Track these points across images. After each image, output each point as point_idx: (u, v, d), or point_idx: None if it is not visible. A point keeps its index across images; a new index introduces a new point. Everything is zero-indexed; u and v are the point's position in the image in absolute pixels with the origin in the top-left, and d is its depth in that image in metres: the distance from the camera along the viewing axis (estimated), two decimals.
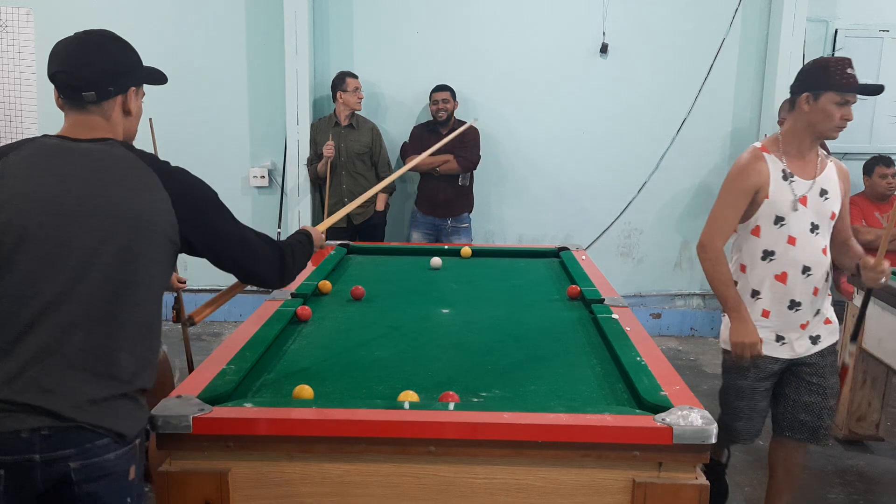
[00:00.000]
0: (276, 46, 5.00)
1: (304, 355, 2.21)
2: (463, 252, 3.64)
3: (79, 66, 1.59)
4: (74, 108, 1.62)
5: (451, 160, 4.82)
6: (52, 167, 1.54)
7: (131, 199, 1.55)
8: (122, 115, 1.67)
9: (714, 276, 2.59)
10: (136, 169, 1.59)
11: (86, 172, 1.55)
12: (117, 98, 1.65)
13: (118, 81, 1.64)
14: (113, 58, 1.65)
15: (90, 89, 1.59)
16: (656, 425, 1.63)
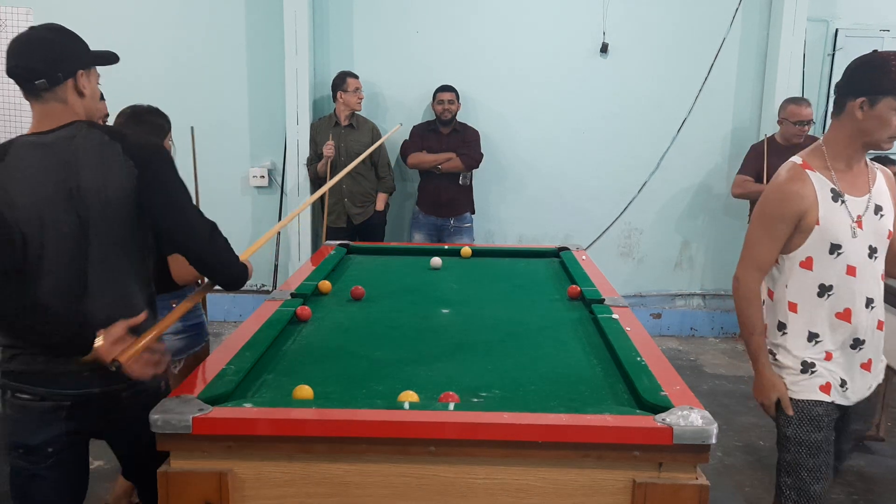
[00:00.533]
0: (276, 46, 5.00)
1: (304, 355, 2.21)
2: (463, 252, 3.64)
3: (27, 59, 1.77)
4: (34, 99, 1.80)
5: (454, 158, 4.83)
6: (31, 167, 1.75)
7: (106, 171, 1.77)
8: (77, 96, 1.83)
9: (742, 317, 2.23)
10: (101, 145, 1.79)
11: (57, 163, 1.75)
12: (68, 82, 1.80)
13: (64, 67, 1.80)
14: (56, 47, 1.82)
15: (40, 77, 1.76)
16: (656, 425, 1.63)
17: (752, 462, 3.46)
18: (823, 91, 5.18)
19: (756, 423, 3.90)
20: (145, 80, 5.12)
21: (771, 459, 3.48)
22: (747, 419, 3.95)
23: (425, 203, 4.98)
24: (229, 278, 1.96)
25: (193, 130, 3.03)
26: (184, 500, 1.65)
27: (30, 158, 1.75)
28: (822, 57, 5.14)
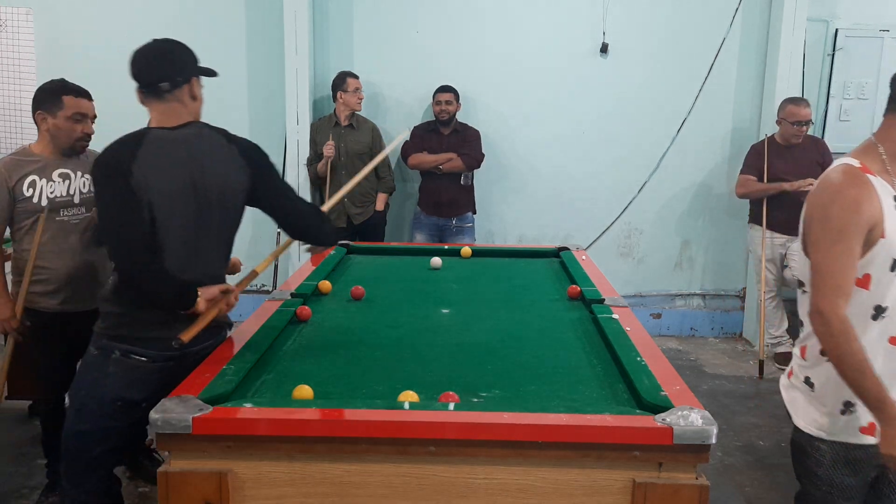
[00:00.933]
0: (276, 46, 5.00)
1: (304, 355, 2.21)
2: (463, 252, 3.63)
3: (153, 65, 2.08)
4: (156, 99, 2.09)
5: (455, 158, 4.83)
6: (163, 157, 2.04)
7: (226, 169, 2.14)
8: (191, 99, 2.13)
9: (842, 356, 1.73)
10: (221, 146, 2.16)
11: (185, 156, 2.07)
12: (184, 87, 2.10)
13: (183, 74, 2.10)
14: (177, 56, 2.12)
15: (165, 81, 2.06)
16: (656, 425, 1.63)
17: (752, 462, 3.46)
18: (823, 91, 5.18)
19: (756, 423, 3.90)
20: None
21: (771, 459, 3.49)
22: (747, 419, 3.95)
23: (427, 203, 4.98)
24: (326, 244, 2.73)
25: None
26: (184, 500, 1.65)
27: (162, 149, 2.04)
28: (822, 57, 5.14)
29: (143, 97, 2.10)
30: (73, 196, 2.83)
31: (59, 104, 2.75)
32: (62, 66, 4.99)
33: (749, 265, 5.28)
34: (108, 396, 2.10)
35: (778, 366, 4.79)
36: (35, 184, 2.76)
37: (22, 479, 3.18)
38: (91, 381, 2.14)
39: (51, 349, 2.87)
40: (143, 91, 2.09)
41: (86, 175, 2.88)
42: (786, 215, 4.72)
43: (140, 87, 2.09)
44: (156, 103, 2.09)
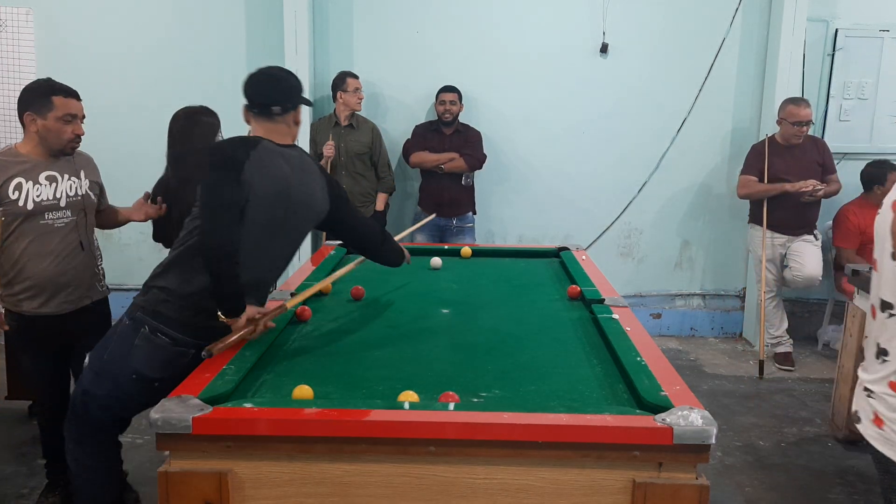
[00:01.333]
0: (276, 46, 5.00)
1: (304, 355, 2.21)
2: (463, 252, 3.63)
3: (270, 89, 2.31)
4: (266, 119, 2.31)
5: (457, 158, 4.83)
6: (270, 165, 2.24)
7: (314, 192, 2.39)
8: (294, 125, 2.37)
9: None
10: (315, 172, 2.43)
11: (288, 170, 2.28)
12: (291, 113, 2.33)
13: (293, 101, 2.33)
14: (291, 84, 2.36)
15: (277, 104, 2.29)
16: (656, 425, 1.63)
17: (752, 462, 3.46)
18: (823, 91, 5.18)
19: (756, 423, 3.90)
20: (145, 80, 5.12)
21: (771, 459, 3.49)
22: (747, 419, 3.95)
23: (427, 203, 4.98)
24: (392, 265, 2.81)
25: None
26: (184, 500, 1.65)
27: (270, 159, 2.24)
28: (821, 57, 5.13)
29: (250, 115, 2.33)
30: (59, 199, 2.77)
31: (49, 105, 2.68)
32: (62, 66, 5.01)
33: (749, 265, 5.28)
34: (127, 367, 2.22)
35: (778, 366, 4.79)
36: (21, 186, 2.69)
37: (22, 479, 3.18)
38: (115, 349, 2.26)
39: (37, 352, 2.85)
40: (253, 111, 2.31)
41: (73, 177, 2.82)
42: (786, 215, 4.72)
43: (250, 107, 2.32)
44: (264, 122, 2.31)
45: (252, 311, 2.18)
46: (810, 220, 4.79)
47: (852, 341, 3.51)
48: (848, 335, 3.56)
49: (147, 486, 3.05)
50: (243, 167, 2.15)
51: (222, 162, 2.18)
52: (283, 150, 2.30)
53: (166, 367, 2.22)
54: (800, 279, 4.69)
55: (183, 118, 3.20)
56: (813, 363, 4.90)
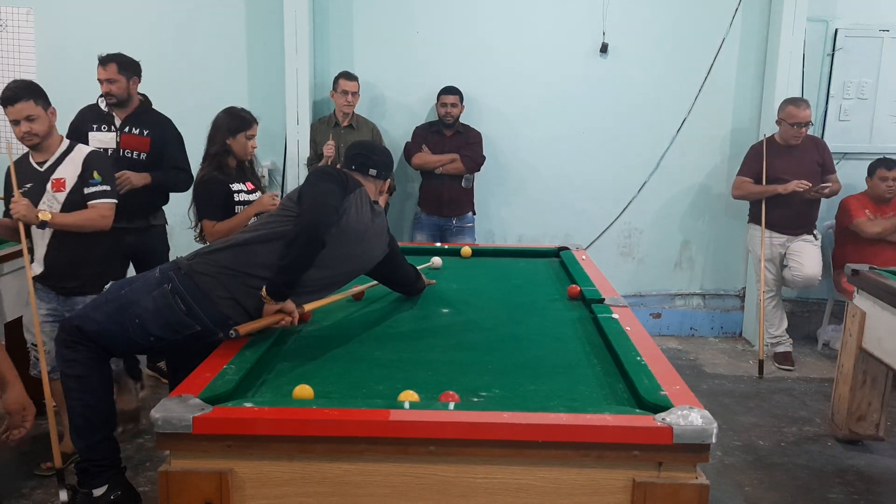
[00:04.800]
0: (276, 46, 5.00)
1: (304, 355, 2.21)
2: (463, 252, 3.63)
3: (378, 157, 2.65)
4: (362, 176, 2.59)
5: (456, 159, 4.83)
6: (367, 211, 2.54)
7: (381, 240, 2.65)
8: (378, 193, 2.67)
9: None
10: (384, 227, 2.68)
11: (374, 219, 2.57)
12: (381, 181, 2.66)
13: (386, 173, 2.67)
14: (391, 159, 2.75)
15: (374, 169, 2.61)
16: (656, 425, 1.63)
17: (752, 462, 3.46)
18: (823, 91, 5.18)
19: (756, 423, 3.90)
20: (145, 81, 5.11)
21: (771, 459, 3.49)
22: (747, 419, 3.95)
23: (427, 203, 4.98)
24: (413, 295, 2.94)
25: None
26: (184, 500, 1.65)
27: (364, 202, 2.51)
28: (821, 57, 5.13)
29: (350, 170, 2.58)
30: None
31: None
32: (62, 66, 5.03)
33: (749, 265, 5.28)
34: (134, 311, 2.29)
35: (777, 365, 4.79)
36: None
37: (22, 479, 3.18)
38: (134, 289, 2.34)
39: None
40: (355, 167, 2.59)
41: None
42: (785, 215, 4.72)
43: (354, 167, 2.59)
44: (359, 177, 2.58)
45: (290, 305, 2.30)
46: (810, 220, 4.79)
47: (852, 341, 3.51)
48: (847, 335, 3.56)
49: (148, 487, 3.05)
50: (347, 195, 2.43)
51: (335, 178, 2.45)
52: (371, 201, 2.58)
53: (167, 330, 2.28)
54: (799, 279, 4.69)
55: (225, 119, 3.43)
56: (813, 363, 4.90)
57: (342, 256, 2.46)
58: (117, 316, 2.32)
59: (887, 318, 3.25)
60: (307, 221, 2.29)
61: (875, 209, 4.81)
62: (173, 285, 2.29)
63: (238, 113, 3.47)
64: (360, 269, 2.64)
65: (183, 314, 2.27)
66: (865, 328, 3.41)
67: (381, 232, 2.64)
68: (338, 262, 2.46)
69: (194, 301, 2.27)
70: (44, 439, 3.55)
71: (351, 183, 2.48)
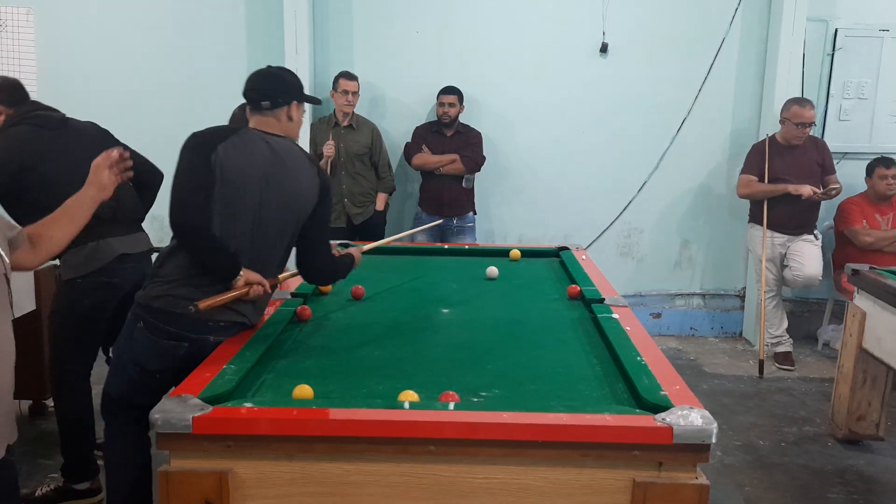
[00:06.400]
0: (276, 46, 5.00)
1: (304, 355, 2.21)
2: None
3: (260, 85, 2.40)
4: (258, 113, 2.39)
5: (456, 160, 4.83)
6: (250, 148, 2.29)
7: (299, 181, 2.35)
8: (287, 120, 2.41)
9: None
10: (304, 163, 2.41)
11: (269, 153, 2.32)
12: (283, 108, 2.39)
13: (284, 96, 2.39)
14: (283, 80, 2.44)
15: (267, 99, 2.37)
16: (656, 425, 1.63)
17: (752, 462, 3.46)
18: (823, 91, 5.18)
19: (756, 423, 3.90)
20: (145, 80, 5.12)
21: (771, 459, 3.49)
22: (747, 419, 3.95)
23: (427, 203, 4.98)
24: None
25: None
26: (184, 500, 1.65)
27: (252, 141, 2.31)
28: (821, 57, 5.13)
29: (249, 112, 2.41)
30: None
31: None
32: (62, 67, 5.03)
33: (749, 265, 5.28)
34: (131, 359, 2.32)
35: (778, 365, 4.79)
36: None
37: (22, 479, 3.18)
38: (123, 340, 2.36)
39: None
40: (250, 107, 2.40)
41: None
42: (786, 215, 4.72)
43: (248, 104, 2.41)
44: (257, 116, 2.39)
45: (254, 276, 2.27)
46: (810, 220, 4.79)
47: (852, 341, 3.51)
48: (848, 335, 3.57)
49: None
50: (216, 148, 2.23)
51: (195, 144, 2.26)
52: (269, 137, 2.35)
53: (163, 360, 2.26)
54: (799, 279, 4.69)
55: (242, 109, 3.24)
56: (813, 363, 4.90)
57: (246, 207, 2.26)
58: (122, 372, 2.36)
59: (887, 318, 3.25)
60: (172, 226, 2.22)
61: (874, 209, 4.81)
62: (143, 320, 2.27)
63: None
64: (284, 215, 2.34)
65: (165, 339, 2.25)
66: (865, 328, 3.41)
67: (293, 168, 2.35)
68: (247, 214, 2.27)
69: (167, 324, 2.24)
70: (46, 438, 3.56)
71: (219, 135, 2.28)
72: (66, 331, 2.94)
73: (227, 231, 2.24)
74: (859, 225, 4.75)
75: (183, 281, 2.25)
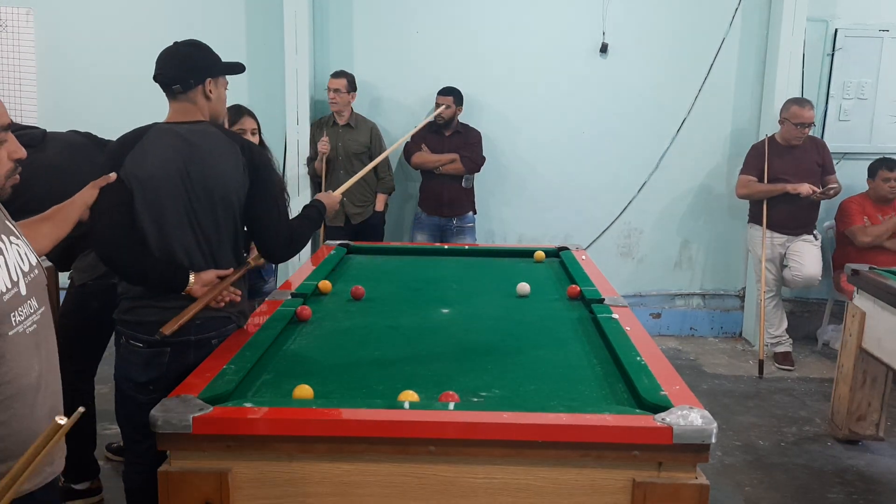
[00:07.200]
0: (276, 46, 5.00)
1: (304, 355, 2.21)
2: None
3: (168, 68, 2.24)
4: (172, 98, 2.25)
5: (456, 160, 4.83)
6: (162, 147, 2.17)
7: (221, 167, 2.20)
8: (205, 99, 2.26)
9: None
10: (222, 143, 2.23)
11: (181, 146, 2.18)
12: (198, 87, 2.23)
13: (195, 76, 2.22)
14: (190, 59, 2.25)
15: (176, 83, 2.22)
16: (656, 425, 1.64)
17: (752, 462, 3.46)
18: (823, 91, 5.18)
19: (756, 423, 3.90)
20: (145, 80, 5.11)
21: (771, 459, 3.49)
22: (747, 419, 3.95)
23: (427, 203, 4.98)
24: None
25: None
26: (184, 500, 1.65)
27: (160, 139, 2.18)
28: (821, 57, 5.13)
29: (167, 97, 2.28)
30: (17, 281, 1.51)
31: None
32: (62, 67, 5.03)
33: (749, 265, 5.28)
34: (122, 376, 2.30)
35: (777, 365, 4.79)
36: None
37: None
38: (117, 360, 2.35)
39: None
40: (164, 92, 2.27)
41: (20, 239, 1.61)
42: (785, 215, 4.72)
43: (167, 95, 2.27)
44: (172, 102, 2.27)
45: (206, 277, 2.20)
46: (810, 220, 4.79)
47: (852, 341, 3.51)
48: (847, 335, 3.57)
49: None
50: (122, 162, 2.15)
51: (103, 164, 2.18)
52: (180, 127, 2.22)
53: (148, 370, 2.23)
54: (799, 279, 4.69)
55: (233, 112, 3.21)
56: (812, 363, 4.91)
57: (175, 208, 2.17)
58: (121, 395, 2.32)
59: (887, 318, 3.25)
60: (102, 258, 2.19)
61: (876, 210, 4.80)
62: (123, 335, 2.27)
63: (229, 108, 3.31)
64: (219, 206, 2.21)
65: (144, 349, 2.22)
66: (865, 328, 3.42)
67: (215, 153, 2.21)
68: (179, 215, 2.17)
69: (144, 333, 2.21)
70: None
71: (126, 144, 2.17)
72: (73, 332, 2.94)
73: (167, 238, 2.18)
74: (861, 223, 4.75)
75: (147, 294, 2.22)
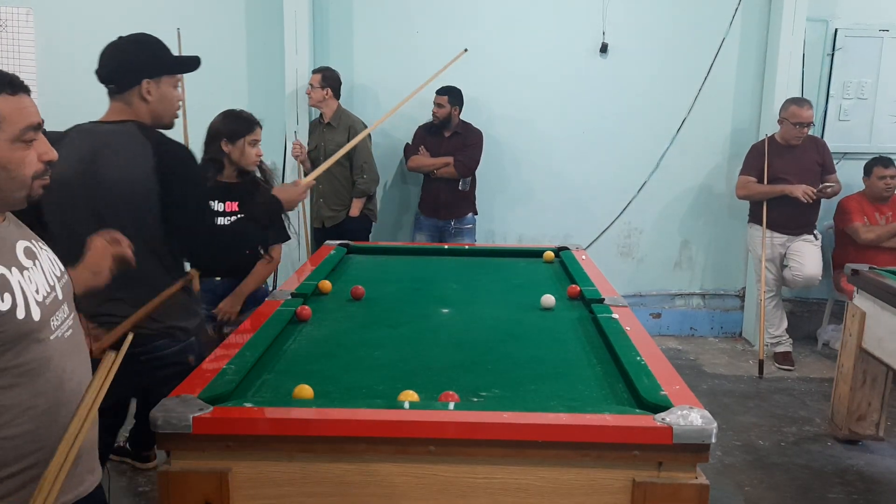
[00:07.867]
0: (276, 46, 5.00)
1: (304, 355, 2.21)
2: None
3: (104, 66, 2.11)
4: (110, 97, 2.15)
5: (449, 164, 4.82)
6: (72, 150, 2.02)
7: (126, 166, 2.04)
8: (141, 101, 2.11)
9: None
10: (136, 143, 2.06)
11: (87, 149, 2.04)
12: (134, 88, 2.10)
13: (131, 77, 2.09)
14: (127, 57, 2.10)
15: (111, 83, 2.11)
16: (656, 425, 1.63)
17: (752, 462, 3.46)
18: (823, 91, 5.18)
19: (756, 423, 3.90)
20: None
21: (771, 459, 3.49)
22: (747, 419, 3.96)
23: (426, 206, 4.99)
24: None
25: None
26: (184, 500, 1.65)
27: (72, 143, 2.05)
28: (821, 57, 5.14)
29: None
30: (53, 286, 1.53)
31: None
32: (62, 67, 5.03)
33: (749, 265, 5.28)
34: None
35: (777, 365, 4.79)
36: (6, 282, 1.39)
37: None
38: None
39: None
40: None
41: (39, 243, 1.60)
42: (785, 215, 4.72)
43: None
44: (111, 102, 2.16)
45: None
46: (810, 220, 4.80)
47: (852, 341, 3.51)
48: (847, 334, 3.57)
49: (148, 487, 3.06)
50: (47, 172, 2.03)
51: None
52: (95, 127, 2.10)
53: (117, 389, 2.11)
54: (799, 279, 4.69)
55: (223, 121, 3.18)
56: (812, 363, 4.91)
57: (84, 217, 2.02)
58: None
59: (887, 318, 3.25)
60: None
61: (873, 209, 4.81)
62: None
63: (237, 115, 3.20)
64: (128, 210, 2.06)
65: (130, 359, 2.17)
66: (865, 328, 3.42)
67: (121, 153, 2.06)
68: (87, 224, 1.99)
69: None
70: None
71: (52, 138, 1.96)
72: None
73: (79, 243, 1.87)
74: (860, 222, 4.75)
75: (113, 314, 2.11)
